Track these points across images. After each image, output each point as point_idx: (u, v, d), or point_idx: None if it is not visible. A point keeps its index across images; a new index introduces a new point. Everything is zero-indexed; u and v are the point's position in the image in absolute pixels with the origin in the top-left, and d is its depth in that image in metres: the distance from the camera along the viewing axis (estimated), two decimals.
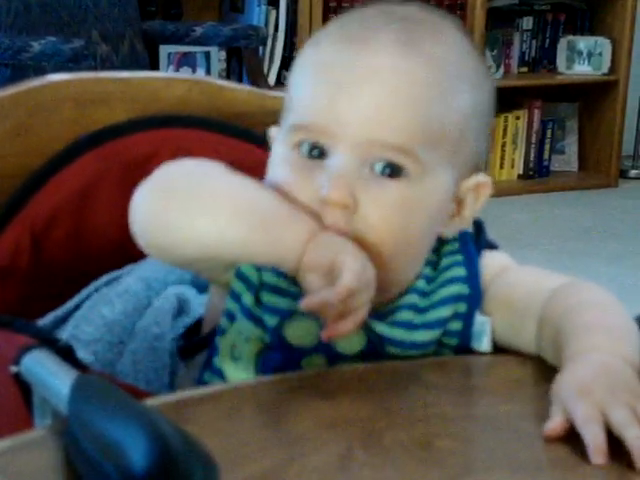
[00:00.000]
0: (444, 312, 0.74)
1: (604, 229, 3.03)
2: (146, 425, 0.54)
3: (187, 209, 0.69)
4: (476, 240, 0.78)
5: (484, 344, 0.74)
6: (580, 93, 3.47)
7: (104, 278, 0.86)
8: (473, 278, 0.75)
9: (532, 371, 0.71)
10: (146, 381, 0.78)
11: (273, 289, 0.70)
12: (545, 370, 0.69)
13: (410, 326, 0.73)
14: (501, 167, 3.38)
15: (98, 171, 0.90)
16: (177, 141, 0.92)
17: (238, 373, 0.71)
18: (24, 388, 0.67)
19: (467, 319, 0.75)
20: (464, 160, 0.73)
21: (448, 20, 0.74)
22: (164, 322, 0.79)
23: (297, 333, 0.71)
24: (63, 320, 0.84)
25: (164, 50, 2.63)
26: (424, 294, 0.75)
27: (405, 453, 0.60)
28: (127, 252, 0.89)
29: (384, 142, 0.68)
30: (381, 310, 0.73)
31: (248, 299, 0.70)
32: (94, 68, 2.15)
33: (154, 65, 2.52)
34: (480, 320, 0.75)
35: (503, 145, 3.37)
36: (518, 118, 3.37)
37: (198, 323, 0.78)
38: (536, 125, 3.39)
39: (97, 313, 0.82)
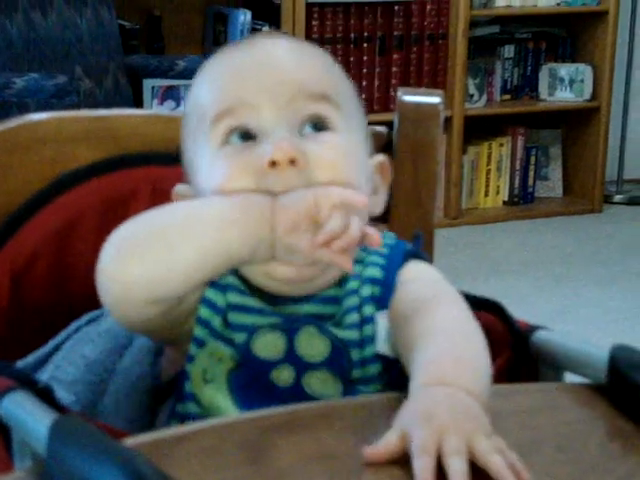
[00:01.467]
0: (368, 310, 0.76)
1: (589, 254, 3.04)
2: (124, 466, 0.54)
3: (157, 245, 0.71)
4: (406, 249, 0.79)
5: (378, 344, 0.75)
6: (563, 120, 3.50)
7: (84, 318, 0.86)
8: (387, 280, 0.76)
9: (511, 403, 0.70)
10: (128, 420, 0.78)
11: (239, 308, 0.73)
12: (524, 401, 0.70)
13: (357, 326, 0.75)
14: (486, 194, 3.40)
15: (78, 210, 0.90)
16: (156, 178, 0.93)
17: (211, 394, 0.73)
18: (3, 430, 0.67)
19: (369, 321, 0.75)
20: (365, 131, 0.79)
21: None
22: (145, 361, 0.79)
23: (265, 347, 0.73)
24: (43, 361, 0.84)
25: (148, 84, 2.64)
26: (357, 293, 0.76)
27: None
28: None
29: (305, 92, 0.74)
30: (333, 318, 0.75)
31: (217, 322, 0.73)
32: (77, 104, 2.16)
33: (138, 99, 2.53)
34: (376, 321, 0.75)
35: (488, 172, 3.39)
36: (502, 145, 3.40)
37: None
38: (520, 152, 3.41)
39: (78, 353, 0.82)
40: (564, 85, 3.41)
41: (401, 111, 1.01)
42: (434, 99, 1.01)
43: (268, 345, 0.73)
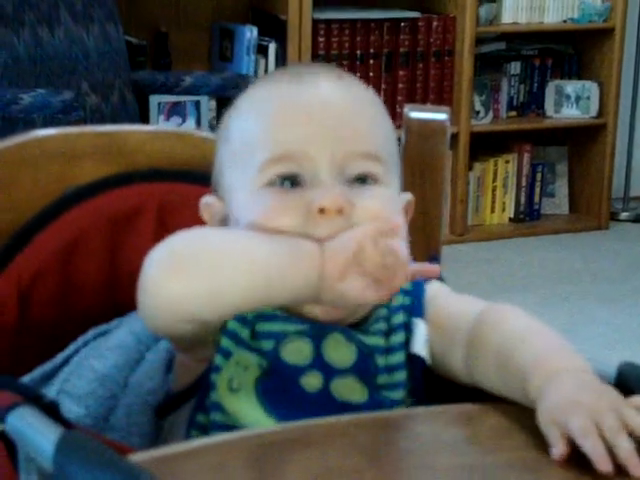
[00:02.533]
0: (398, 319, 0.78)
1: (595, 271, 3.03)
2: None
3: (208, 270, 0.72)
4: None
5: (415, 347, 0.77)
6: (569, 136, 3.50)
7: (92, 332, 0.86)
8: (417, 292, 0.79)
9: (518, 420, 0.70)
10: (140, 435, 0.78)
11: (267, 317, 0.74)
12: (531, 418, 0.69)
13: (382, 333, 0.77)
14: (492, 211, 3.39)
15: (84, 226, 0.90)
16: (163, 195, 0.93)
17: (239, 403, 0.73)
18: (9, 446, 0.67)
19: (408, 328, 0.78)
20: (398, 176, 0.81)
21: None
22: (157, 376, 0.79)
23: (293, 353, 0.73)
24: (51, 375, 0.84)
25: (154, 100, 2.65)
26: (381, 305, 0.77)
27: None
28: (114, 306, 0.89)
29: (359, 151, 0.75)
30: (360, 325, 0.76)
31: (245, 333, 0.74)
32: (84, 119, 2.17)
33: (144, 115, 2.53)
34: (413, 322, 0.78)
35: (494, 189, 3.38)
36: (508, 162, 3.40)
37: None
38: (526, 169, 3.41)
39: (88, 367, 0.82)
40: (570, 102, 3.41)
41: (408, 127, 1.02)
42: (441, 115, 1.02)
43: (296, 351, 0.73)
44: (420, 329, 0.78)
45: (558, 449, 0.64)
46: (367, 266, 0.70)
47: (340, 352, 0.74)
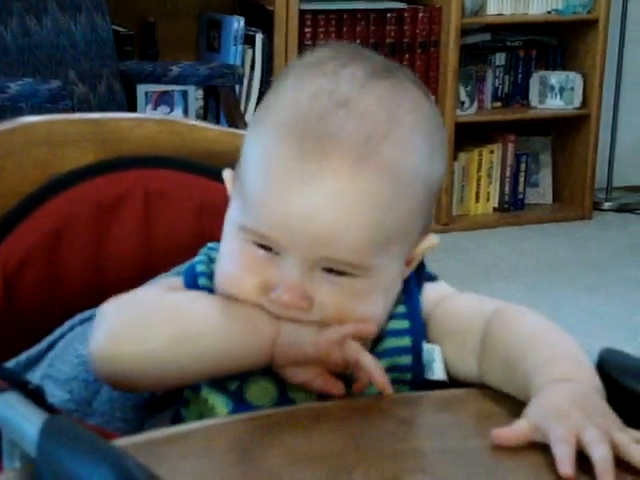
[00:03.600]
0: (383, 346, 0.76)
1: (579, 260, 3.05)
2: (114, 467, 0.54)
3: (153, 339, 0.71)
4: (417, 274, 0.79)
5: (435, 372, 0.76)
6: (553, 127, 3.51)
7: (77, 317, 0.86)
8: (413, 313, 0.77)
9: (502, 406, 0.71)
10: (123, 420, 0.78)
11: None
12: (514, 405, 0.70)
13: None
14: (477, 200, 3.41)
15: (70, 212, 0.90)
16: (148, 181, 0.93)
17: None
18: None
19: (415, 351, 0.76)
20: (415, 238, 0.74)
21: (409, 92, 0.73)
22: None
23: (257, 394, 0.73)
24: (36, 360, 0.84)
25: (141, 89, 2.64)
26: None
27: None
28: (100, 292, 0.89)
29: (335, 259, 0.70)
30: None
31: None
32: (71, 108, 2.16)
33: (131, 105, 2.53)
34: (427, 349, 0.77)
35: (478, 179, 3.39)
36: (492, 152, 3.41)
37: None
38: (510, 159, 3.42)
39: (73, 352, 0.82)
40: (554, 93, 3.42)
41: None
42: None
43: (261, 392, 0.73)
44: (438, 355, 0.76)
45: (504, 430, 0.63)
46: (330, 367, 0.71)
47: (304, 389, 0.73)
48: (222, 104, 2.54)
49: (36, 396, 0.68)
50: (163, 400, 0.76)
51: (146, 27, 2.97)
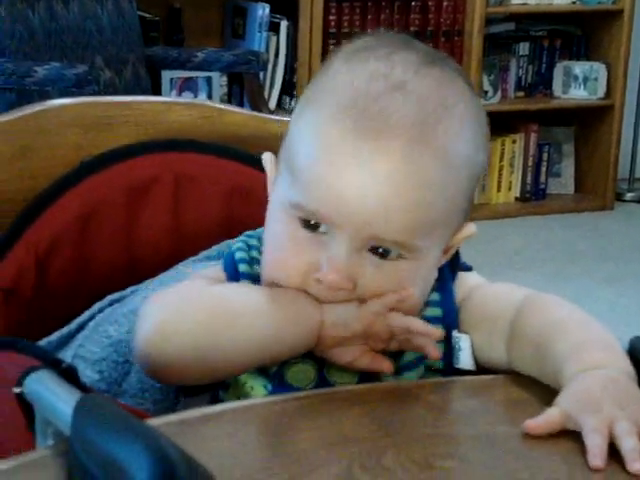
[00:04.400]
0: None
1: (600, 251, 3.04)
2: (149, 445, 0.54)
3: (204, 332, 0.71)
4: (451, 263, 0.80)
5: (462, 360, 0.76)
6: (576, 117, 3.50)
7: (107, 299, 0.86)
8: (446, 301, 0.78)
9: (531, 392, 0.71)
10: (152, 400, 0.79)
11: None
12: (543, 391, 0.70)
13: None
14: (498, 190, 3.40)
15: (101, 194, 0.91)
16: (178, 165, 0.93)
17: None
18: (27, 409, 0.67)
19: (447, 340, 0.77)
20: (457, 224, 0.76)
21: (457, 81, 0.74)
22: None
23: (296, 375, 0.74)
24: (67, 340, 0.85)
25: (166, 75, 2.65)
26: None
27: (405, 473, 0.60)
28: (130, 274, 0.90)
29: (384, 238, 0.70)
30: None
31: None
32: (97, 93, 2.17)
33: (156, 90, 2.53)
34: (455, 337, 0.77)
35: (500, 168, 3.38)
36: (515, 142, 3.39)
37: None
38: (533, 149, 3.41)
39: (103, 333, 0.83)
40: (578, 83, 3.40)
41: None
42: None
43: (300, 374, 0.74)
44: (465, 343, 0.77)
45: (537, 420, 0.64)
46: (375, 342, 0.71)
47: (343, 372, 0.74)
48: (246, 90, 2.54)
49: (69, 375, 0.68)
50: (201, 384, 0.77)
51: (172, 13, 2.98)
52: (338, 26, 3.06)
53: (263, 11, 2.97)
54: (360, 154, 0.69)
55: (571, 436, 0.64)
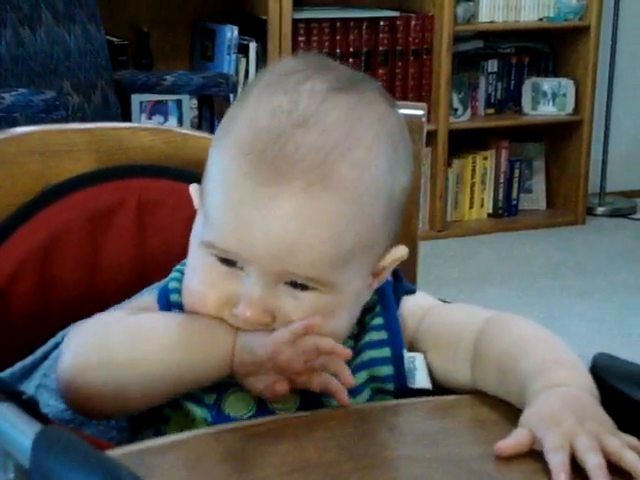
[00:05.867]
0: (361, 358, 0.76)
1: (573, 265, 3.06)
2: (108, 477, 0.54)
3: (128, 357, 0.73)
4: (394, 287, 0.80)
5: (417, 380, 0.76)
6: (546, 133, 3.52)
7: (71, 327, 0.86)
8: (390, 324, 0.77)
9: (495, 412, 0.71)
10: (118, 428, 0.78)
11: None
12: (510, 411, 0.70)
13: (336, 376, 0.74)
14: (470, 207, 3.41)
15: (63, 222, 0.90)
16: (142, 190, 0.93)
17: None
18: None
19: (396, 361, 0.77)
20: (380, 250, 0.74)
21: (374, 106, 0.72)
22: None
23: (234, 404, 0.74)
24: (31, 371, 0.84)
25: (136, 99, 2.64)
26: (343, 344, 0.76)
27: None
28: (93, 301, 0.89)
29: (296, 273, 0.70)
30: None
31: None
32: (66, 118, 2.16)
33: (126, 114, 2.53)
34: (408, 357, 0.77)
35: (472, 185, 3.40)
36: (486, 158, 3.42)
37: None
38: (504, 165, 3.43)
39: None
40: (547, 99, 3.44)
41: None
42: (417, 112, 1.02)
43: (239, 403, 0.74)
44: (420, 362, 0.77)
45: (506, 442, 0.64)
46: (286, 368, 0.70)
47: (283, 398, 0.73)
48: (216, 113, 2.54)
49: (30, 407, 0.68)
50: (144, 420, 0.76)
51: (140, 37, 2.98)
52: (307, 47, 3.07)
53: (232, 33, 2.97)
54: (261, 199, 0.69)
55: (535, 456, 0.64)
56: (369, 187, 0.70)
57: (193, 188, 0.78)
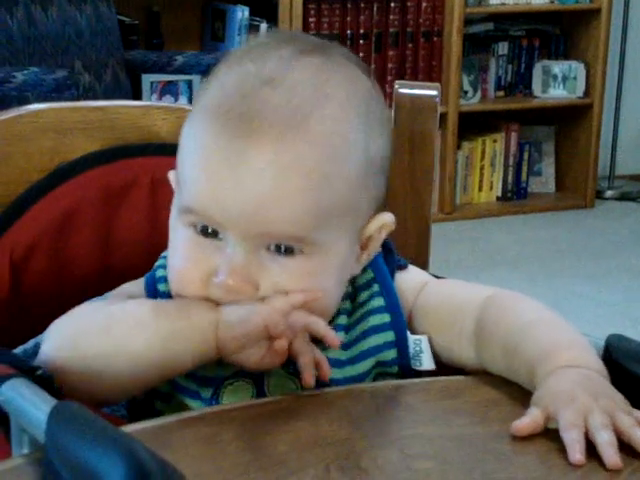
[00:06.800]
0: (367, 344, 0.76)
1: (581, 249, 3.06)
2: (124, 452, 0.54)
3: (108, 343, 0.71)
4: (386, 260, 0.79)
5: (424, 362, 0.76)
6: (556, 116, 3.51)
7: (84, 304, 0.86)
8: (393, 306, 0.77)
9: (507, 392, 0.71)
10: (128, 408, 0.78)
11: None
12: (520, 391, 0.70)
13: (339, 363, 0.74)
14: (480, 189, 3.41)
15: (77, 199, 0.90)
16: (155, 168, 0.93)
17: None
18: (2, 417, 0.67)
19: (400, 345, 0.76)
20: (363, 213, 0.73)
21: (341, 69, 0.72)
22: None
23: (233, 396, 0.73)
24: None
25: (146, 79, 2.64)
26: (346, 329, 0.76)
27: (382, 475, 0.60)
28: (107, 279, 0.89)
29: (273, 234, 0.69)
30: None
31: (179, 377, 0.73)
32: (77, 98, 2.16)
33: (137, 94, 2.53)
34: (414, 340, 0.76)
35: (481, 168, 3.40)
36: (495, 141, 3.41)
37: None
38: (513, 148, 3.43)
39: None
40: (557, 82, 3.42)
41: (398, 104, 1.02)
42: (431, 92, 1.02)
43: (237, 395, 0.72)
44: (425, 345, 0.76)
45: (523, 422, 0.64)
46: (277, 341, 0.68)
47: (283, 387, 0.73)
48: None
49: (44, 382, 0.68)
50: (138, 414, 0.76)
51: (151, 17, 2.97)
52: (318, 28, 3.06)
53: (242, 14, 2.97)
54: (232, 154, 0.68)
55: (548, 435, 0.64)
56: (343, 141, 0.70)
57: (171, 174, 0.78)
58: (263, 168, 0.67)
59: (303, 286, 0.69)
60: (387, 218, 0.75)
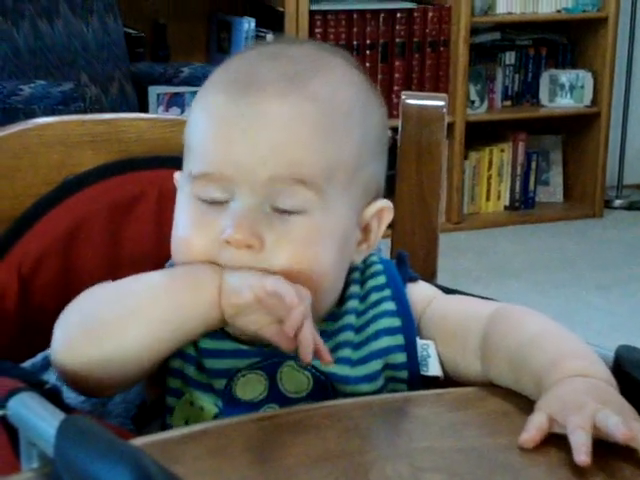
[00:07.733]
0: (377, 345, 0.76)
1: (589, 259, 3.05)
2: (132, 466, 0.54)
3: (108, 329, 0.72)
4: (399, 271, 0.80)
5: (430, 368, 0.76)
6: (563, 125, 3.51)
7: None
8: (404, 311, 0.78)
9: (516, 403, 0.71)
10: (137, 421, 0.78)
11: (213, 353, 0.73)
12: (529, 402, 0.70)
13: (350, 362, 0.75)
14: (487, 199, 3.40)
15: (85, 213, 0.90)
16: (162, 181, 0.93)
17: None
18: (11, 431, 0.67)
19: (409, 349, 0.77)
20: (362, 188, 0.76)
21: (337, 56, 0.78)
22: None
23: (247, 388, 0.73)
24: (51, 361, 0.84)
25: (153, 91, 2.65)
26: (356, 330, 0.76)
27: None
28: None
29: (283, 176, 0.71)
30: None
31: (190, 370, 0.73)
32: (83, 110, 2.17)
33: (143, 106, 2.54)
34: (422, 345, 0.77)
35: (489, 177, 3.39)
36: (503, 151, 3.41)
37: None
38: (521, 157, 3.42)
39: None
40: (564, 91, 3.42)
41: (405, 114, 1.02)
42: (438, 102, 1.02)
43: (250, 386, 0.73)
44: (432, 350, 0.77)
45: (529, 432, 0.64)
46: (275, 311, 0.69)
47: (295, 381, 0.73)
48: None
49: (53, 396, 0.68)
50: (149, 413, 0.76)
51: (157, 29, 2.98)
52: (324, 39, 3.07)
53: (249, 25, 2.98)
54: (240, 113, 0.72)
55: (558, 447, 0.64)
56: (342, 103, 0.74)
57: (177, 175, 0.80)
58: (271, 119, 0.72)
59: (304, 250, 0.71)
60: (385, 203, 0.78)
